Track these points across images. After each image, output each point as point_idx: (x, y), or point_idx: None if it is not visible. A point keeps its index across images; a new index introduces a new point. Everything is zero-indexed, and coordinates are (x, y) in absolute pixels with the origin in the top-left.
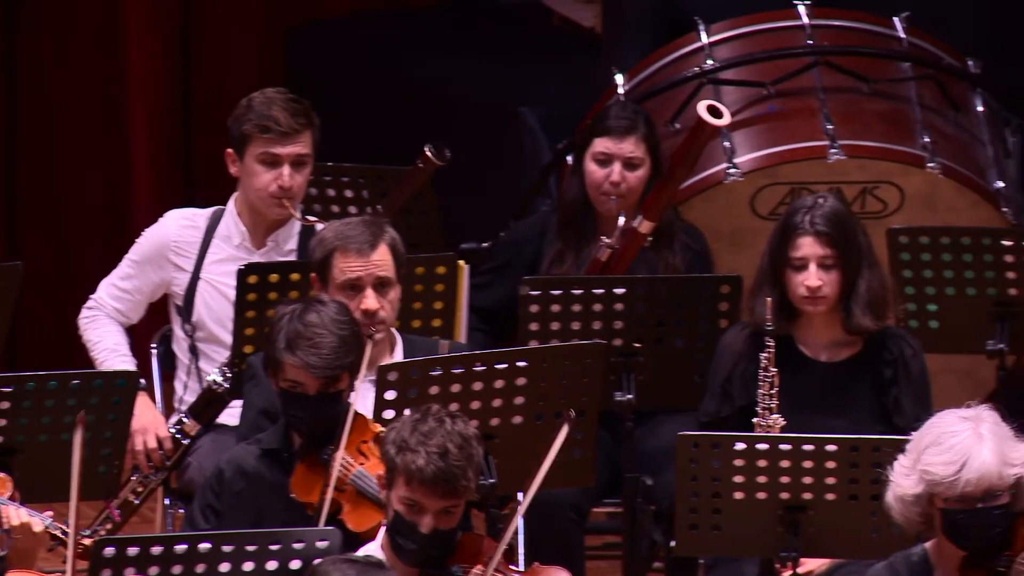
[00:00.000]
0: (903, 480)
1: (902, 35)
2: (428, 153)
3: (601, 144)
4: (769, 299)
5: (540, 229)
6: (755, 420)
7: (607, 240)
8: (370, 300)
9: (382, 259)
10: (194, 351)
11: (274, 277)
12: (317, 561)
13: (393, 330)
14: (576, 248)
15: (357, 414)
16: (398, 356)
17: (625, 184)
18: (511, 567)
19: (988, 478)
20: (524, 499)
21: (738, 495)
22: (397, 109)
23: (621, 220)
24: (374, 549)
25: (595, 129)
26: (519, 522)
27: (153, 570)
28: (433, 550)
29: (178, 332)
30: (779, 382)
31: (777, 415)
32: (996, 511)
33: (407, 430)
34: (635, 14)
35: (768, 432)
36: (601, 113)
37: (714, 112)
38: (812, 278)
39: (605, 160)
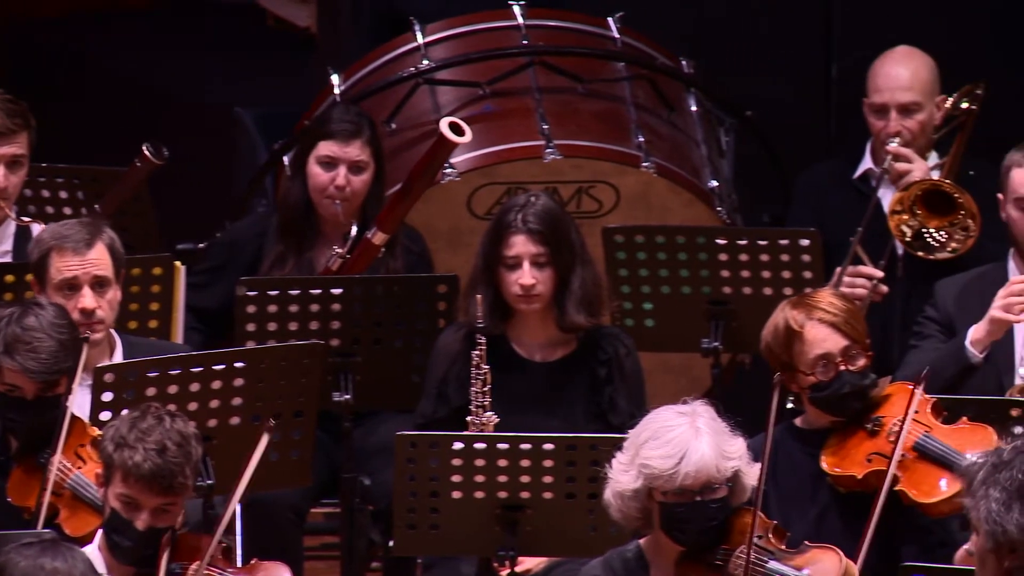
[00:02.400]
0: (622, 476)
1: (616, 35)
2: (147, 152)
3: (326, 148)
4: (479, 297)
5: (258, 230)
6: (468, 419)
7: (339, 250)
8: (87, 299)
9: (99, 258)
10: None
11: None
12: None
13: (113, 332)
14: (298, 251)
15: (74, 417)
16: (118, 358)
17: (350, 188)
18: (229, 565)
19: (706, 471)
20: (229, 503)
21: (456, 494)
22: (113, 109)
23: (353, 230)
24: (91, 551)
25: (319, 132)
26: (238, 523)
27: None
28: (149, 548)
29: None
30: (493, 381)
31: (490, 413)
32: (713, 504)
33: (126, 427)
34: (353, 14)
35: (482, 431)
36: (323, 116)
37: (456, 129)
38: (525, 276)
39: (330, 163)
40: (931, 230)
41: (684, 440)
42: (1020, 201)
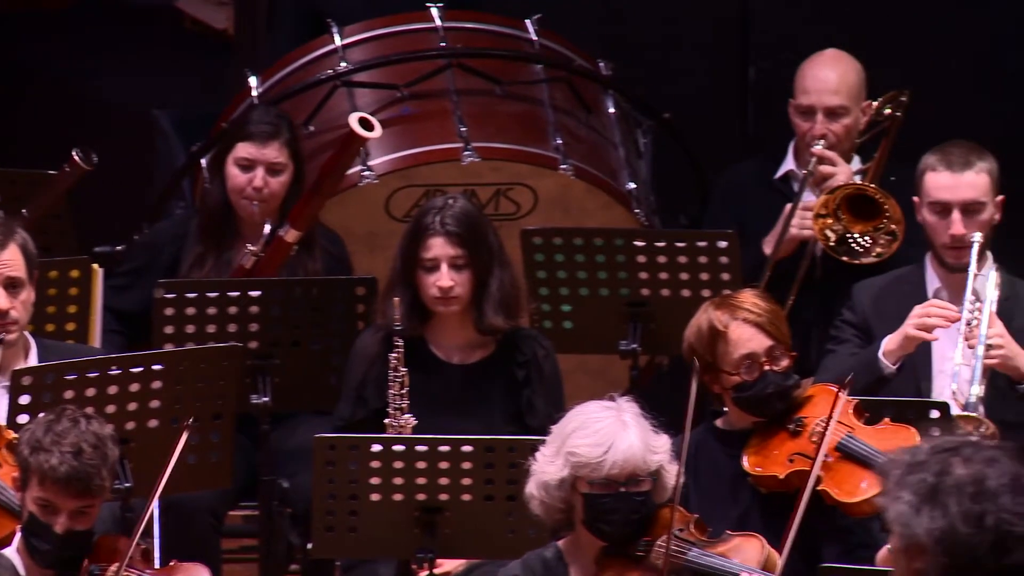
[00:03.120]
0: (547, 466)
1: (534, 37)
2: (76, 157)
3: (243, 149)
4: (397, 299)
5: (177, 232)
6: (387, 421)
7: (252, 248)
8: (1, 300)
9: (12, 259)
10: None
11: None
12: None
13: (27, 334)
14: (217, 251)
15: None
16: (32, 361)
17: (268, 189)
18: (147, 567)
19: (633, 461)
20: (148, 505)
21: (375, 496)
22: (28, 111)
23: (267, 228)
24: (11, 554)
25: (237, 134)
26: (156, 525)
27: None
28: (67, 551)
29: None
30: (411, 383)
31: (409, 415)
32: (638, 497)
33: (41, 430)
34: (271, 16)
35: (400, 433)
36: (241, 117)
37: (366, 124)
38: (444, 278)
39: (248, 165)
40: (855, 235)
41: (612, 431)
42: (935, 205)
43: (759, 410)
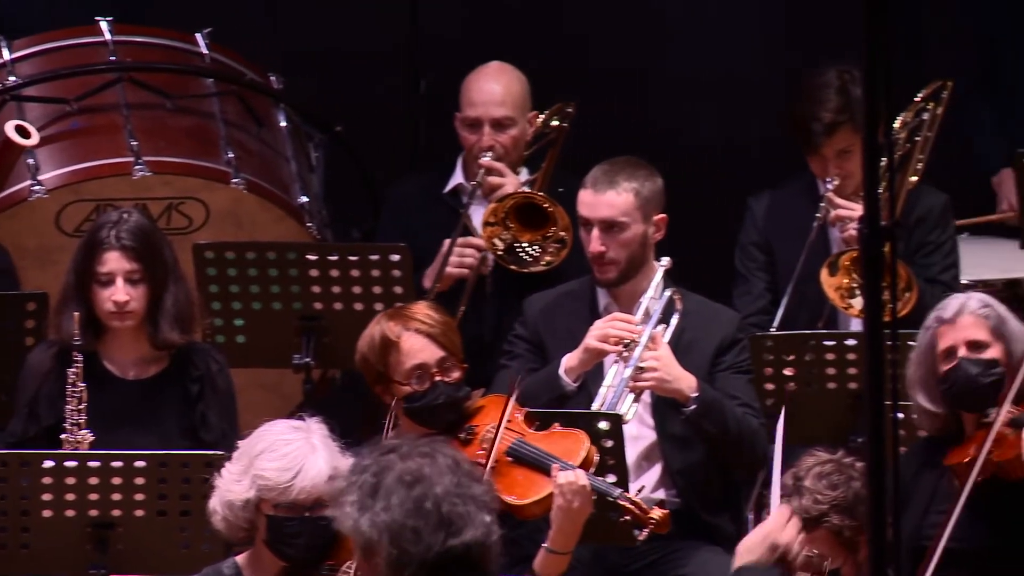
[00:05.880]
0: (234, 485)
1: (205, 51)
2: None
3: None
4: (77, 314)
5: None
6: (63, 436)
7: None
8: None
9: None
10: None
11: None
12: None
13: None
14: None
15: None
16: None
17: None
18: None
19: (320, 487)
20: None
21: (46, 513)
22: None
23: None
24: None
25: None
26: None
27: None
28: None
29: None
30: (87, 398)
31: (86, 431)
32: (322, 521)
33: None
34: None
35: (77, 448)
36: None
37: (22, 132)
38: (119, 293)
39: None
40: (524, 244)
41: (301, 455)
42: (582, 220)
43: (429, 421)
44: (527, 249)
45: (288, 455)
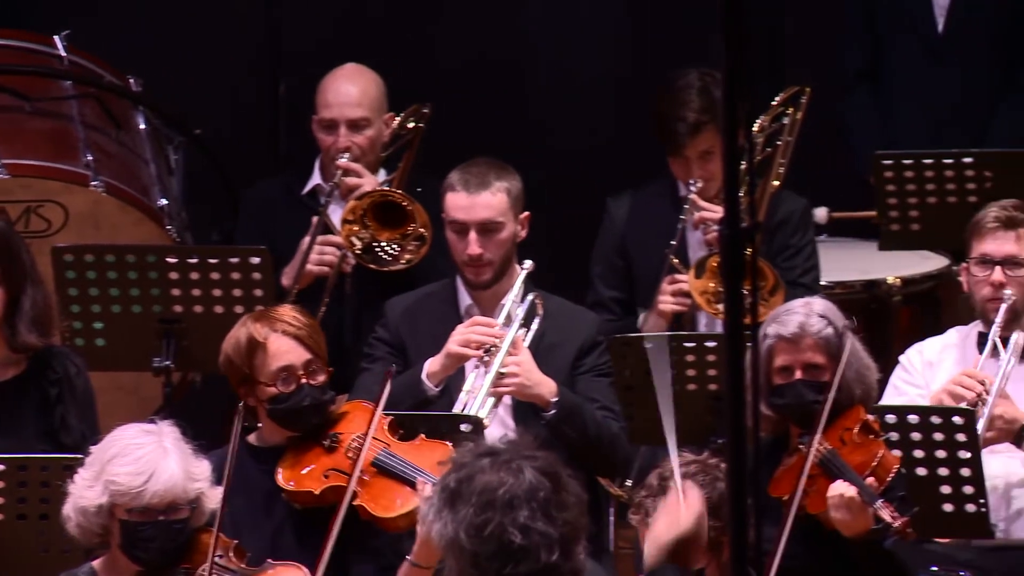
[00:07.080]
0: (86, 491)
1: (63, 53)
2: None
3: None
4: None
5: None
6: None
7: None
8: None
9: None
10: None
11: None
12: None
13: None
14: None
15: None
16: None
17: None
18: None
19: (173, 491)
20: None
21: None
22: None
23: None
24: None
25: None
26: None
27: None
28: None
29: None
30: None
31: None
32: (177, 525)
33: None
34: None
35: None
36: None
37: None
38: None
39: None
40: (382, 243)
41: (153, 459)
42: (453, 224)
43: (294, 423)
44: (386, 248)
45: (140, 459)
